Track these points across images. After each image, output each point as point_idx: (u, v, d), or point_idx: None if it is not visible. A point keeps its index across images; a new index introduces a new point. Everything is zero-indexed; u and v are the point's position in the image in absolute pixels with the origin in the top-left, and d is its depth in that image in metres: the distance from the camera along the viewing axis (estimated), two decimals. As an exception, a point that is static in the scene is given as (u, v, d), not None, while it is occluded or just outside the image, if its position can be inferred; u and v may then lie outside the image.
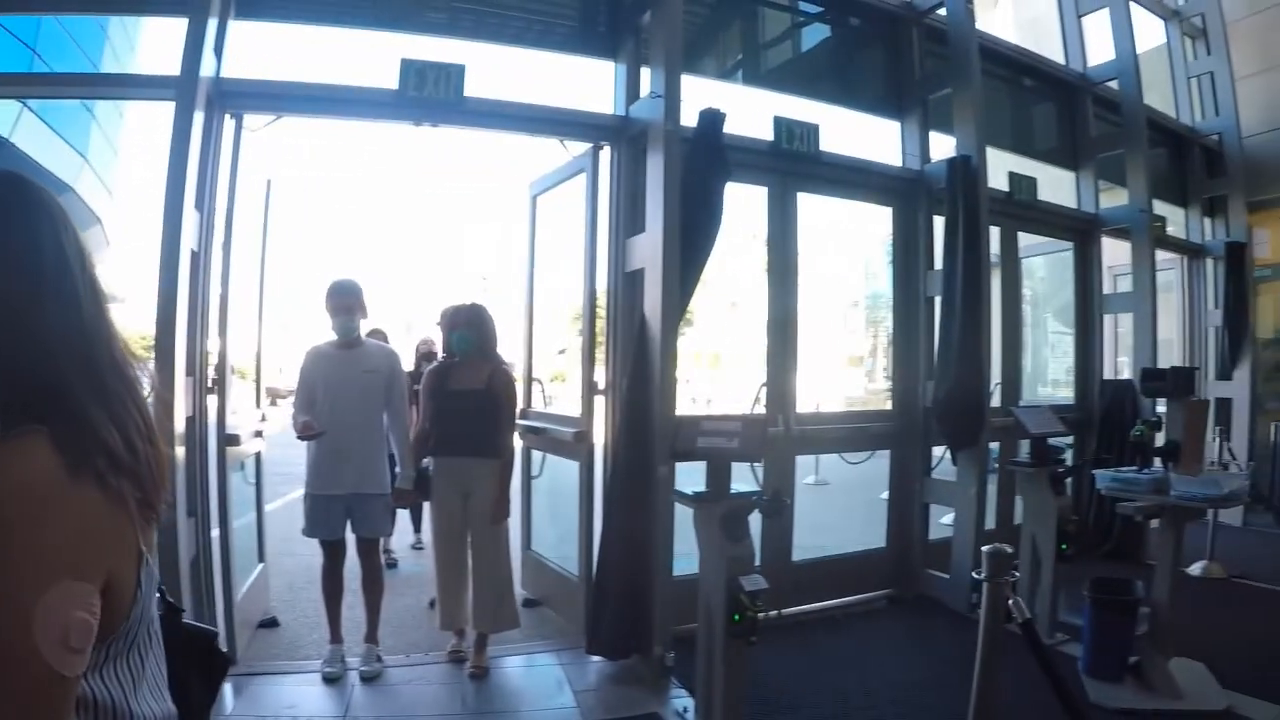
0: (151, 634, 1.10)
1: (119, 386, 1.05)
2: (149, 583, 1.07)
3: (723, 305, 54.18)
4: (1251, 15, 9.74)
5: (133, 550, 1.02)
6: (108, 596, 0.96)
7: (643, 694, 4.63)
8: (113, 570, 0.97)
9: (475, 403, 4.92)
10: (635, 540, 4.89)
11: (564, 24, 5.76)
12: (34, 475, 0.91)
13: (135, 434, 1.03)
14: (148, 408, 1.09)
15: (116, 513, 0.97)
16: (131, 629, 1.03)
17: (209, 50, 4.43)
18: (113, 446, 0.98)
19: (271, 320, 5.90)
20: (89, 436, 0.97)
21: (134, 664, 1.05)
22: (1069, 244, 8.35)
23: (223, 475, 4.79)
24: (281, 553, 6.70)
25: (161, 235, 4.17)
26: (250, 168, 5.08)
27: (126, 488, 0.99)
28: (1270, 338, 10.20)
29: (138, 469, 1.02)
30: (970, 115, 6.39)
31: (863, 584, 6.39)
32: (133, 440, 1.02)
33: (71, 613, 0.89)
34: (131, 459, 1.01)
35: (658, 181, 4.92)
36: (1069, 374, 8.74)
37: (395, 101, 4.87)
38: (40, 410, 0.95)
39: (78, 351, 1.01)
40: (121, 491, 0.98)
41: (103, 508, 0.95)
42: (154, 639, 1.11)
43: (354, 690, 4.56)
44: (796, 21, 7.16)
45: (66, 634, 0.87)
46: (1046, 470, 5.47)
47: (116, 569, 0.98)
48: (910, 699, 4.59)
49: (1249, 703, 4.37)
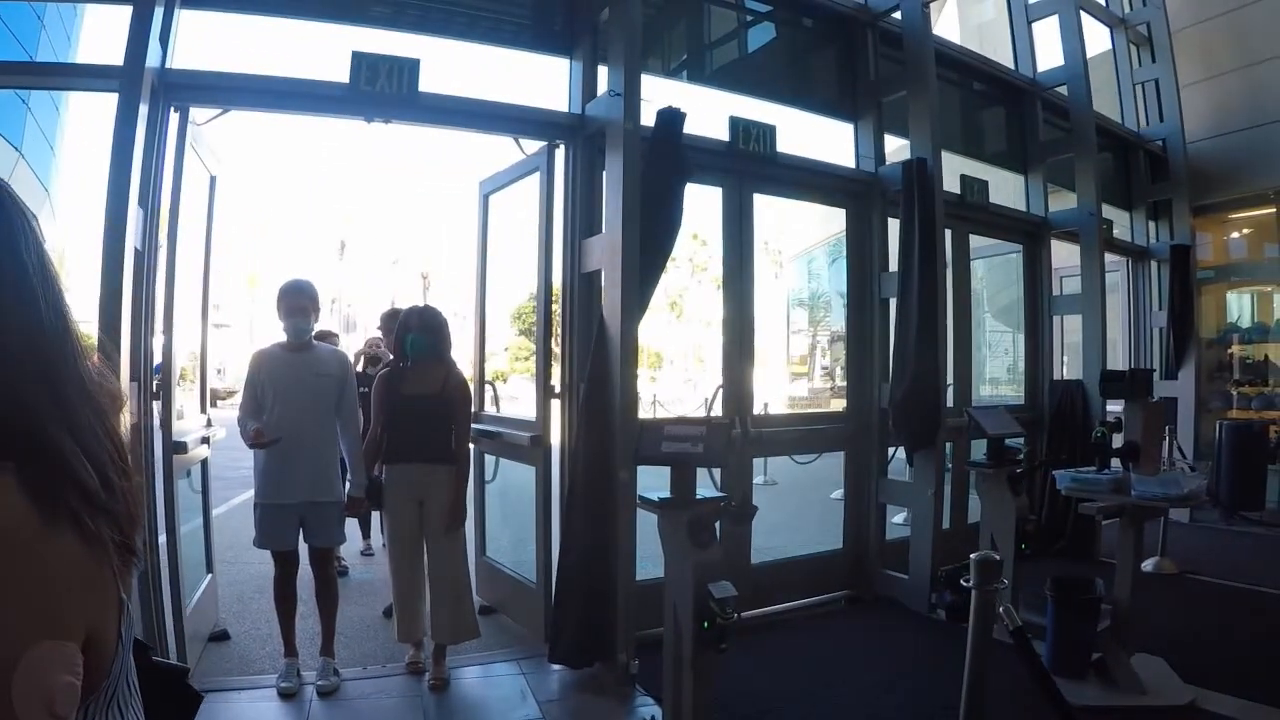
0: (131, 686, 0.99)
1: (89, 415, 0.92)
2: (129, 633, 0.96)
3: (663, 304, 54.28)
4: (1196, 24, 9.99)
5: (113, 599, 0.90)
6: (89, 653, 0.84)
7: (608, 703, 4.57)
8: (94, 624, 0.85)
9: (430, 408, 4.79)
10: (596, 546, 4.82)
11: (519, 20, 5.65)
12: (1, 522, 0.78)
13: (111, 469, 0.91)
14: (120, 435, 0.98)
15: (95, 559, 0.86)
16: (112, 684, 0.93)
17: (154, 39, 4.25)
18: (88, 485, 0.86)
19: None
20: (61, 474, 0.84)
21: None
22: (1018, 246, 8.46)
23: (170, 484, 4.59)
24: (229, 562, 6.54)
25: (104, 233, 4.00)
26: (195, 163, 4.92)
27: (105, 530, 0.87)
28: (1213, 338, 10.47)
29: (115, 509, 0.89)
30: (925, 118, 6.42)
31: (821, 585, 6.38)
32: (109, 476, 0.90)
33: (54, 677, 0.77)
34: (109, 498, 0.89)
35: (616, 181, 4.86)
36: (1009, 373, 8.86)
37: (347, 96, 4.73)
38: (3, 446, 0.82)
39: (42, 376, 0.88)
40: (100, 535, 0.86)
41: (81, 555, 0.84)
42: (133, 690, 1.00)
43: (311, 705, 4.41)
44: (752, 22, 7.13)
45: (51, 701, 0.76)
46: (1005, 470, 5.49)
47: (98, 622, 0.86)
48: (876, 701, 4.58)
49: (1212, 696, 4.43)
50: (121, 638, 0.92)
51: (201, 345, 5.57)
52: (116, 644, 0.91)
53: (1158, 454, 4.89)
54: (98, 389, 0.95)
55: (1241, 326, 10.77)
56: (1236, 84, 9.84)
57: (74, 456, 0.86)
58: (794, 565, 6.53)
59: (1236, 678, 4.64)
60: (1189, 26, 9.93)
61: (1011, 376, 10.56)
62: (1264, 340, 10.35)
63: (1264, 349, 10.30)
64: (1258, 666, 4.89)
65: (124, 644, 0.93)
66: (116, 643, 0.91)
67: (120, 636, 0.92)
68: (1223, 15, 9.83)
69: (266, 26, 4.71)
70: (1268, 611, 6.14)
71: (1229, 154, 9.80)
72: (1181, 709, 4.33)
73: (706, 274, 50.78)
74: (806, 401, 31.82)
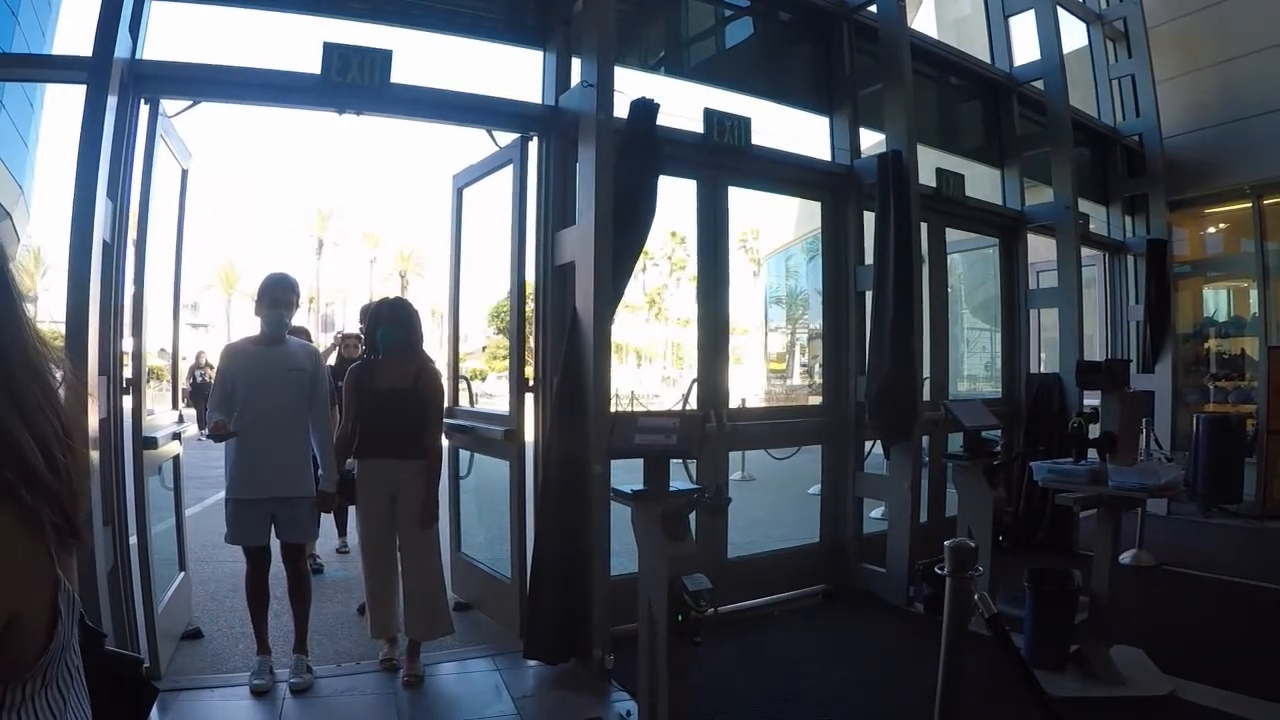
0: (72, 669, 0.96)
1: (36, 391, 0.90)
2: (69, 611, 0.93)
3: (641, 302, 54.34)
4: (1172, 20, 10.09)
5: (47, 579, 0.88)
6: (16, 632, 0.82)
7: (583, 698, 4.53)
8: (22, 603, 0.83)
9: (401, 402, 4.73)
10: (571, 540, 4.79)
11: (492, 12, 5.60)
12: None
13: (55, 445, 0.89)
14: (64, 410, 0.95)
15: (29, 538, 0.84)
16: (49, 664, 0.90)
17: (124, 30, 4.18)
18: (31, 462, 0.85)
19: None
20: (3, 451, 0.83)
21: (54, 702, 0.91)
22: (994, 240, 8.48)
23: (140, 480, 4.53)
24: (203, 560, 6.47)
25: (72, 225, 3.94)
26: (166, 155, 4.85)
27: (44, 509, 0.85)
28: (1189, 333, 10.54)
29: (58, 488, 0.88)
30: (901, 111, 6.43)
31: (798, 579, 6.37)
32: (53, 453, 0.88)
33: None
34: (53, 477, 0.87)
35: (589, 172, 4.83)
36: (986, 370, 8.87)
37: (318, 87, 4.67)
38: None
39: None
40: (38, 513, 0.84)
41: (13, 533, 0.82)
42: (75, 674, 0.98)
43: (284, 703, 4.36)
44: (727, 15, 7.12)
45: None
46: (982, 463, 5.50)
47: (24, 602, 0.84)
48: (854, 695, 4.57)
49: (1190, 687, 4.44)
50: (61, 616, 0.90)
51: (173, 340, 5.51)
52: (54, 624, 0.89)
53: (1135, 444, 4.91)
54: (43, 364, 0.93)
55: (1218, 320, 10.86)
56: (1212, 79, 9.92)
57: (19, 433, 0.85)
58: (770, 559, 6.52)
59: (1214, 668, 4.66)
60: (1165, 22, 10.02)
61: (989, 373, 10.60)
62: (1240, 334, 10.44)
63: (1240, 343, 10.39)
64: (1235, 657, 4.92)
65: (64, 624, 0.91)
66: (54, 623, 0.89)
67: (60, 616, 0.89)
68: (1198, 11, 9.93)
69: (238, 18, 4.61)
70: (1244, 603, 6.19)
71: (1205, 149, 9.88)
72: (1161, 699, 4.34)
73: (685, 272, 50.91)
74: (784, 398, 31.91)
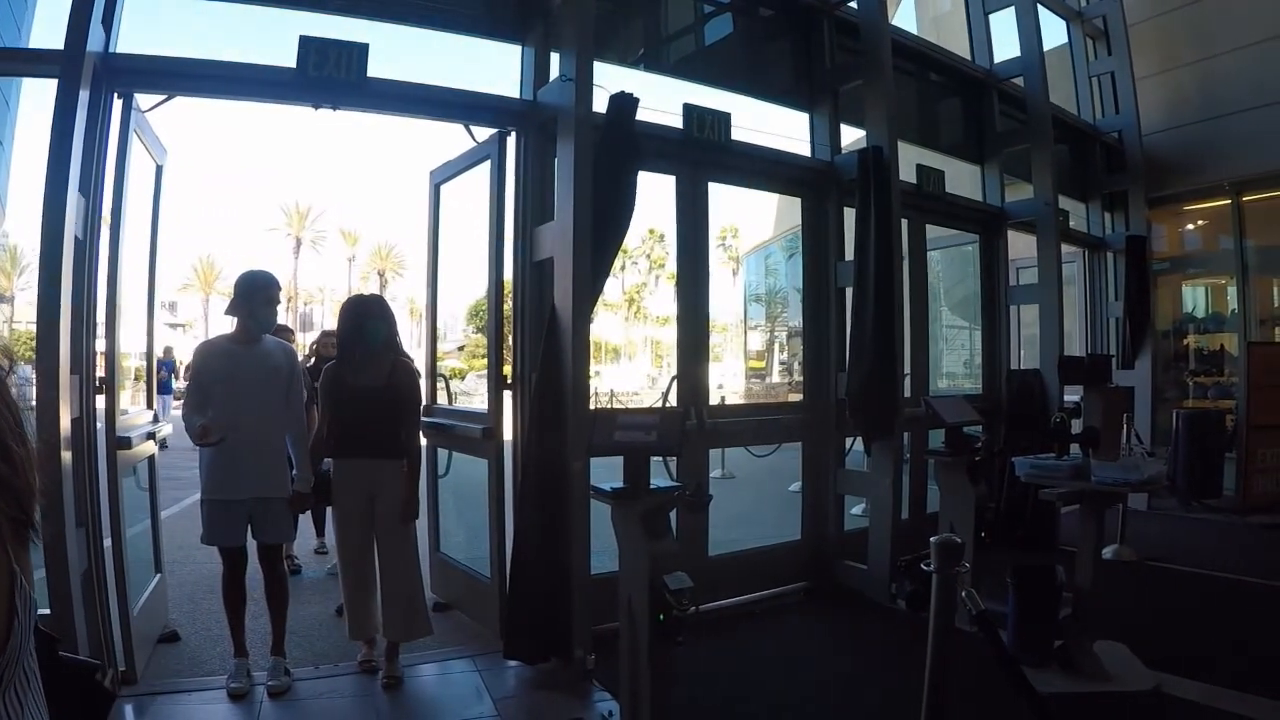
0: (29, 672, 0.92)
1: None
2: (27, 613, 0.89)
3: (621, 301, 54.32)
4: (1152, 18, 10.14)
5: (2, 577, 0.84)
6: None
7: (565, 699, 4.50)
8: None
9: (377, 399, 4.66)
10: (551, 539, 4.76)
11: (470, 5, 5.54)
12: None
13: (9, 436, 0.84)
14: (15, 401, 0.91)
15: None
16: (6, 668, 0.85)
17: (96, 23, 4.12)
18: None
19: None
20: None
21: (10, 707, 0.87)
22: (974, 236, 8.50)
23: (114, 481, 4.46)
24: (179, 562, 6.41)
25: (42, 221, 3.88)
26: (140, 150, 4.79)
27: None
28: (1169, 329, 10.59)
29: (13, 482, 0.83)
30: (881, 107, 6.41)
31: (779, 577, 6.34)
32: (7, 444, 0.83)
33: None
34: (8, 470, 0.82)
35: (568, 167, 4.80)
36: (965, 367, 8.87)
37: (294, 82, 4.60)
38: None
39: None
40: None
41: None
42: (31, 677, 0.93)
43: (262, 706, 4.30)
44: (707, 10, 7.09)
45: None
46: (963, 459, 5.49)
47: None
48: (838, 692, 4.56)
49: (1175, 681, 4.44)
50: (18, 617, 0.85)
51: (148, 338, 5.42)
52: (11, 624, 0.84)
53: (1117, 439, 4.91)
54: None
55: (1197, 317, 10.92)
56: (1191, 77, 9.96)
57: None
58: (752, 557, 6.49)
59: (1198, 662, 4.68)
60: (1145, 20, 10.06)
61: (969, 371, 10.60)
62: (1219, 331, 10.50)
63: (1219, 339, 10.45)
64: (1218, 651, 4.94)
65: (20, 624, 0.86)
66: (11, 622, 0.84)
67: (16, 615, 0.85)
68: (1178, 9, 9.98)
69: (214, 11, 4.57)
70: (1226, 597, 6.21)
71: (1184, 146, 9.93)
72: (1146, 694, 4.32)
73: (664, 270, 50.92)
74: (764, 395, 31.94)
